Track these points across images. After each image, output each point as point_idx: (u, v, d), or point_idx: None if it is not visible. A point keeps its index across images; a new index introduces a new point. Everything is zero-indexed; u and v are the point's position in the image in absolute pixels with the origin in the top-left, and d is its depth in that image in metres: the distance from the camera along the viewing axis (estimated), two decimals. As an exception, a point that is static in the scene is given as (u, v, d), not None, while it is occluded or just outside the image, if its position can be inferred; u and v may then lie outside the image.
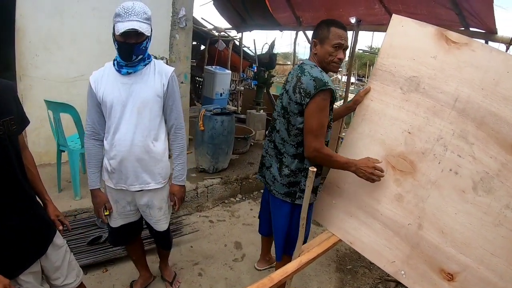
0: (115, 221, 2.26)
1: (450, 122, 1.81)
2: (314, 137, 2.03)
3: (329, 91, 1.99)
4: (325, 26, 2.12)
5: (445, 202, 1.79)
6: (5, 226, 1.55)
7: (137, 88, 2.00)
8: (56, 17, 4.18)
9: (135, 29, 1.81)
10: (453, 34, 1.85)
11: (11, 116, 1.57)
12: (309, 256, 1.97)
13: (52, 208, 1.85)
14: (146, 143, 2.06)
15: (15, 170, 1.59)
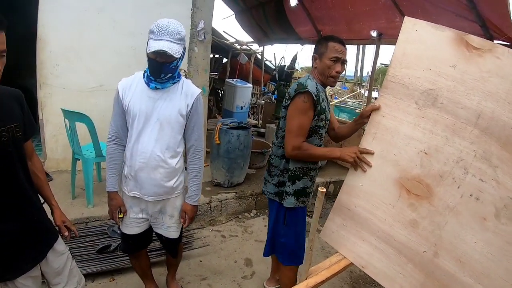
0: (128, 227, 2.30)
1: (471, 141, 1.65)
2: (292, 136, 2.17)
3: (307, 93, 2.11)
4: (323, 42, 2.27)
5: (463, 230, 1.64)
6: (5, 229, 1.57)
7: (162, 104, 2.06)
8: (77, 28, 4.29)
9: (165, 51, 1.85)
10: (474, 38, 1.67)
11: (16, 123, 1.61)
12: (316, 279, 1.88)
13: (59, 214, 1.89)
14: (164, 158, 2.12)
15: (18, 175, 1.62)
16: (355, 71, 22.42)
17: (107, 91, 4.62)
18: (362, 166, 1.97)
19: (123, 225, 2.30)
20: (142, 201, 2.22)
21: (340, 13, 6.59)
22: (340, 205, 2.07)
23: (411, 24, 1.87)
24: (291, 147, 2.19)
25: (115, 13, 4.48)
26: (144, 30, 4.51)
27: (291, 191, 2.31)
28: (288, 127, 2.22)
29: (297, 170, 2.30)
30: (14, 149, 1.59)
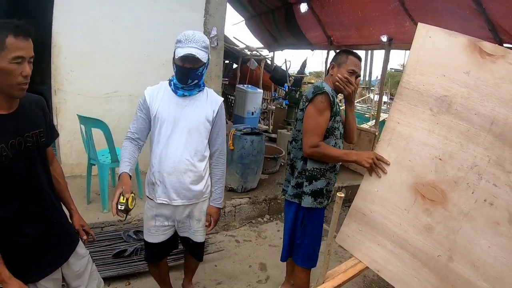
0: (153, 236, 2.33)
1: (485, 147, 1.66)
2: (310, 135, 2.27)
3: (325, 94, 2.24)
4: (344, 54, 2.43)
5: (477, 235, 1.66)
6: (29, 233, 1.61)
7: (189, 110, 2.15)
8: (91, 35, 4.38)
9: (193, 55, 1.96)
10: (487, 45, 1.69)
11: (40, 129, 1.67)
12: (333, 283, 1.93)
13: (77, 218, 1.95)
14: (192, 162, 2.19)
15: (41, 180, 1.67)
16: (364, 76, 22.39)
17: (122, 97, 4.72)
18: (377, 171, 2.01)
19: (147, 234, 2.34)
20: (170, 208, 2.26)
21: (350, 18, 6.62)
22: (356, 210, 2.10)
23: (425, 31, 1.88)
24: (308, 145, 2.27)
25: (129, 20, 4.57)
26: (157, 37, 4.65)
27: (308, 191, 2.37)
28: (306, 126, 2.31)
29: (314, 170, 2.36)
30: (38, 155, 1.65)
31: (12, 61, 1.38)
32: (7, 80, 1.41)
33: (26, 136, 1.58)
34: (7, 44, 1.36)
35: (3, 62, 1.37)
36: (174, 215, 2.30)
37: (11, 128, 1.53)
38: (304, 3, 7.44)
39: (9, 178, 1.52)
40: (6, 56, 1.37)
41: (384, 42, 6.17)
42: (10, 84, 1.43)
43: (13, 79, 1.42)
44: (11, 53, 1.37)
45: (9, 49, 1.37)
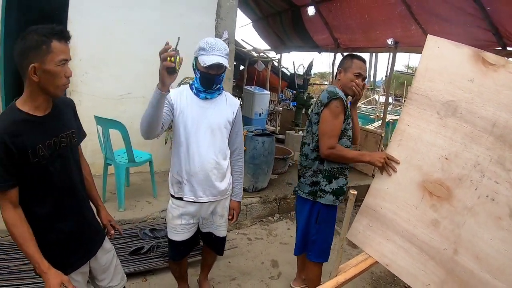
0: (178, 234, 2.43)
1: (487, 148, 1.77)
2: (327, 138, 2.42)
3: (339, 99, 2.39)
4: (349, 58, 2.59)
5: (481, 229, 1.76)
6: (63, 229, 1.72)
7: (212, 112, 2.27)
8: (105, 37, 4.46)
9: (220, 63, 2.07)
10: (490, 55, 1.81)
11: (72, 130, 1.77)
12: (346, 276, 2.02)
13: (105, 214, 2.06)
14: (217, 161, 2.32)
15: (74, 179, 1.78)
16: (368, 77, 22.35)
17: (135, 99, 4.81)
18: (388, 170, 2.12)
19: (172, 233, 2.43)
20: (196, 205, 2.36)
21: (357, 22, 6.71)
22: (367, 207, 2.20)
23: (434, 42, 2.01)
24: (326, 147, 2.42)
25: (142, 23, 4.67)
26: (169, 40, 4.72)
27: (329, 189, 2.52)
28: (322, 129, 2.45)
29: (333, 170, 2.52)
30: (71, 154, 1.76)
31: (58, 63, 1.49)
32: (54, 82, 1.52)
33: (61, 137, 1.67)
34: (53, 48, 1.47)
35: (51, 65, 1.47)
36: (200, 212, 2.40)
37: (48, 129, 1.62)
38: (312, 6, 7.54)
39: (46, 177, 1.61)
40: (53, 59, 1.47)
41: (390, 45, 6.25)
42: (57, 85, 1.54)
43: (59, 80, 1.53)
44: (58, 57, 1.48)
45: (55, 53, 1.47)
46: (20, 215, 1.56)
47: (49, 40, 1.46)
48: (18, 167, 1.52)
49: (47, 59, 1.46)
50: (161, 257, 3.28)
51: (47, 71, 1.48)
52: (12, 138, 1.47)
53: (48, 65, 1.47)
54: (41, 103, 1.58)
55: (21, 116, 1.53)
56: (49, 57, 1.46)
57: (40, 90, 1.54)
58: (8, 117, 1.53)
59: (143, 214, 3.85)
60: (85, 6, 4.28)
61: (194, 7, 4.93)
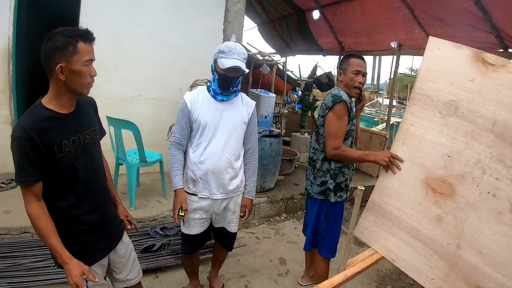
0: (191, 228, 2.51)
1: (488, 146, 1.81)
2: (332, 139, 2.51)
3: (343, 102, 2.48)
4: (345, 59, 2.67)
5: (482, 224, 1.80)
6: (88, 221, 1.78)
7: (228, 114, 2.36)
8: (116, 40, 4.54)
9: (238, 67, 2.15)
10: (490, 56, 1.85)
11: (95, 127, 1.85)
12: (354, 270, 2.09)
13: (122, 209, 2.12)
14: (231, 160, 2.42)
15: (98, 173, 1.87)
16: (372, 80, 22.36)
17: (145, 101, 4.92)
18: (393, 168, 2.18)
19: (186, 227, 2.52)
20: (210, 201, 2.45)
21: (362, 25, 6.78)
22: (373, 204, 2.27)
23: (435, 43, 2.07)
24: (331, 148, 2.52)
25: (152, 27, 4.77)
26: (179, 43, 4.90)
27: (333, 188, 2.61)
28: (328, 131, 2.54)
29: (336, 169, 2.61)
30: (95, 150, 1.84)
31: (84, 63, 1.56)
32: (80, 81, 1.59)
33: (85, 133, 1.75)
34: (79, 49, 1.54)
35: (77, 65, 1.55)
36: (213, 208, 2.48)
37: (72, 126, 1.69)
38: (317, 10, 7.62)
39: (71, 172, 1.68)
40: (79, 59, 1.54)
41: (394, 48, 6.32)
42: (82, 84, 1.61)
43: (85, 79, 1.61)
44: (83, 57, 1.56)
45: (81, 53, 1.55)
46: (43, 208, 1.62)
47: (75, 41, 1.54)
48: (45, 162, 1.58)
49: (74, 59, 1.54)
50: (171, 254, 3.37)
51: (74, 71, 1.55)
52: (39, 135, 1.53)
53: (75, 65, 1.54)
54: (66, 101, 1.65)
55: (47, 114, 1.60)
56: (75, 58, 1.54)
57: (66, 89, 1.61)
58: (35, 114, 1.59)
59: (153, 213, 3.94)
60: (96, 9, 4.36)
61: (203, 11, 5.03)
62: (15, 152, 1.54)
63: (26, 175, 1.56)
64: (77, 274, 1.62)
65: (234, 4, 5.15)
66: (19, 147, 1.53)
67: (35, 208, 1.60)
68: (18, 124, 1.56)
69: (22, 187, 1.59)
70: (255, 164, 2.63)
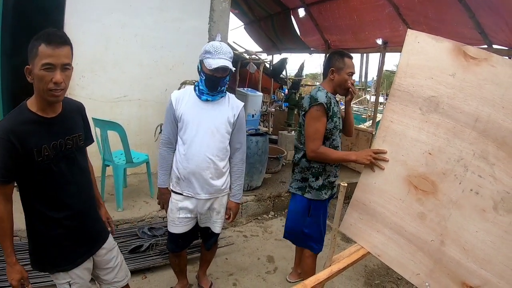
0: (177, 227, 2.52)
1: (470, 143, 1.77)
2: (310, 140, 2.54)
3: (319, 105, 2.50)
4: (340, 58, 2.64)
5: (466, 221, 1.78)
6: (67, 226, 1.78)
7: (212, 114, 2.36)
8: (102, 41, 4.53)
9: (226, 66, 2.16)
10: (471, 49, 1.78)
11: (79, 133, 1.83)
12: (339, 266, 2.09)
13: (104, 211, 2.16)
14: (214, 160, 2.41)
15: (79, 178, 1.84)
16: (360, 77, 22.50)
17: (131, 102, 4.91)
18: (379, 164, 2.15)
19: (171, 226, 2.54)
20: (194, 201, 2.46)
21: (347, 23, 6.83)
22: (357, 201, 2.27)
23: (414, 37, 2.00)
24: (310, 150, 2.55)
25: (138, 28, 4.75)
26: (164, 43, 4.88)
27: (316, 186, 2.64)
28: (307, 133, 2.58)
29: (320, 167, 2.63)
30: (76, 156, 1.81)
31: (41, 67, 1.47)
32: (40, 86, 1.52)
33: (67, 139, 1.73)
34: (39, 52, 1.46)
35: (36, 69, 1.49)
36: (197, 208, 2.49)
37: (54, 130, 1.68)
38: (302, 8, 7.64)
39: (49, 176, 1.67)
40: (38, 63, 1.47)
41: (380, 45, 6.37)
42: (43, 89, 1.52)
43: (44, 85, 1.51)
44: (41, 60, 1.47)
45: (39, 57, 1.47)
46: (10, 211, 1.64)
47: (37, 43, 1.48)
48: (22, 165, 1.58)
49: (35, 62, 1.49)
50: (159, 254, 3.37)
51: (34, 75, 1.51)
52: (18, 137, 1.53)
53: (35, 69, 1.49)
54: (45, 105, 1.63)
55: (30, 116, 1.59)
56: (35, 61, 1.49)
57: (38, 93, 1.58)
58: (17, 116, 1.58)
59: (141, 213, 3.94)
60: (81, 10, 4.33)
61: (188, 12, 5.03)
62: None
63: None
64: (16, 279, 1.67)
65: (219, 3, 5.15)
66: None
67: (2, 208, 1.60)
68: None
69: None
70: (242, 167, 2.62)
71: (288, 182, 5.14)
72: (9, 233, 1.64)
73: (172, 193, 2.51)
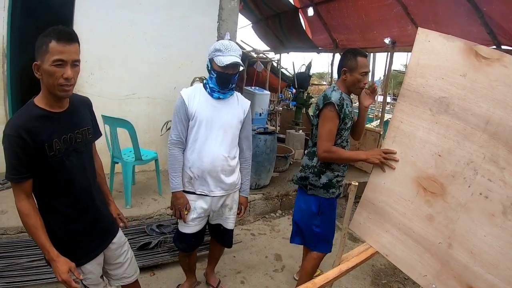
0: (190, 227, 2.53)
1: (480, 145, 1.73)
2: (323, 140, 2.51)
3: (331, 104, 2.46)
4: (352, 57, 2.56)
5: (474, 225, 1.75)
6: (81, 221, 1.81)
7: (224, 112, 2.38)
8: (110, 39, 4.57)
9: (238, 62, 2.19)
10: (483, 48, 1.73)
11: (88, 126, 1.86)
12: (348, 264, 2.11)
13: (114, 208, 2.16)
14: (227, 158, 2.44)
15: (88, 172, 1.86)
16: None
17: (140, 99, 4.94)
18: (390, 164, 2.14)
19: (184, 226, 2.53)
20: (208, 199, 2.48)
21: (355, 22, 6.81)
22: (366, 200, 2.26)
23: (424, 35, 1.96)
24: (322, 150, 2.51)
25: (146, 26, 4.78)
26: (173, 41, 4.91)
27: (319, 184, 2.64)
28: (319, 133, 2.54)
29: (321, 165, 2.64)
30: (86, 150, 1.84)
31: (52, 63, 1.50)
32: (50, 81, 1.54)
33: (76, 133, 1.76)
34: (50, 48, 1.49)
35: (46, 65, 1.51)
36: (211, 206, 2.51)
37: (64, 125, 1.70)
38: (311, 7, 7.64)
39: (62, 170, 1.70)
40: (48, 59, 1.50)
41: (388, 44, 6.35)
42: (53, 85, 1.55)
43: (55, 80, 1.54)
44: (52, 56, 1.50)
45: (51, 53, 1.49)
46: (33, 206, 1.65)
47: (48, 40, 1.50)
48: (35, 160, 1.60)
49: (45, 58, 1.51)
50: (168, 252, 3.39)
51: (44, 70, 1.53)
52: (29, 133, 1.55)
53: (45, 64, 1.51)
54: (53, 100, 1.65)
55: (38, 112, 1.62)
56: (46, 57, 1.50)
57: (46, 88, 1.60)
58: (26, 113, 1.60)
59: (149, 211, 3.97)
60: (90, 8, 4.37)
61: (197, 10, 5.04)
62: (6, 150, 1.56)
63: (16, 173, 1.58)
64: (65, 271, 1.64)
65: (228, 2, 5.15)
66: (10, 145, 1.55)
67: (25, 205, 1.62)
68: (9, 122, 1.58)
69: (12, 184, 1.62)
70: (249, 162, 2.66)
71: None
72: (40, 227, 1.64)
73: (185, 194, 2.50)
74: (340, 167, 2.70)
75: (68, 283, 1.65)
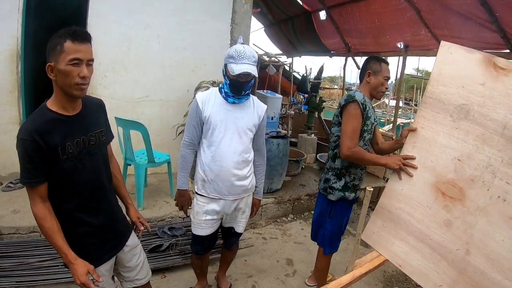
0: (203, 229, 2.53)
1: (498, 149, 1.81)
2: (348, 138, 2.52)
3: (355, 101, 2.52)
4: (377, 62, 2.69)
5: (492, 229, 1.78)
6: (91, 223, 1.79)
7: (239, 116, 2.36)
8: (124, 42, 4.58)
9: (249, 73, 2.15)
10: (501, 60, 1.87)
11: (101, 129, 1.85)
12: (361, 270, 2.12)
13: (134, 211, 2.13)
14: (241, 161, 2.42)
15: (102, 175, 1.85)
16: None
17: (153, 102, 4.95)
18: (408, 171, 2.16)
19: (197, 228, 2.54)
20: (221, 202, 2.47)
21: (368, 26, 6.78)
22: (382, 208, 2.26)
23: (447, 48, 2.09)
24: (346, 148, 2.52)
25: (160, 29, 4.79)
26: (187, 45, 4.93)
27: (338, 186, 2.68)
28: (343, 130, 2.57)
29: (343, 168, 2.67)
30: (100, 152, 1.83)
31: (68, 63, 1.51)
32: (67, 81, 1.54)
33: (90, 135, 1.76)
34: (65, 48, 1.50)
35: (62, 64, 1.51)
36: (224, 209, 2.50)
37: (77, 127, 1.70)
38: (323, 11, 7.62)
39: (75, 174, 1.69)
40: (64, 59, 1.50)
41: (401, 49, 6.32)
42: (69, 84, 1.55)
43: (71, 79, 1.54)
44: (68, 56, 1.50)
45: (66, 52, 1.50)
46: (49, 209, 1.64)
47: (63, 40, 1.51)
48: (49, 164, 1.60)
49: (60, 58, 1.51)
50: (179, 254, 3.39)
51: (60, 70, 1.53)
52: (42, 137, 1.55)
53: (60, 64, 1.51)
54: (67, 103, 1.65)
55: (51, 116, 1.61)
56: (61, 57, 1.50)
57: (60, 90, 1.60)
58: (39, 116, 1.60)
59: (161, 213, 3.97)
60: (104, 11, 4.39)
61: (210, 13, 5.05)
62: (20, 154, 1.57)
63: (30, 176, 1.58)
64: (83, 274, 1.63)
65: (241, 5, 5.16)
66: (24, 149, 1.55)
67: (40, 209, 1.62)
68: (23, 126, 1.58)
69: (27, 188, 1.62)
70: (264, 166, 2.66)
71: (308, 185, 5.24)
72: (57, 231, 1.63)
73: (198, 196, 2.51)
74: (358, 171, 2.73)
75: (87, 286, 1.64)
